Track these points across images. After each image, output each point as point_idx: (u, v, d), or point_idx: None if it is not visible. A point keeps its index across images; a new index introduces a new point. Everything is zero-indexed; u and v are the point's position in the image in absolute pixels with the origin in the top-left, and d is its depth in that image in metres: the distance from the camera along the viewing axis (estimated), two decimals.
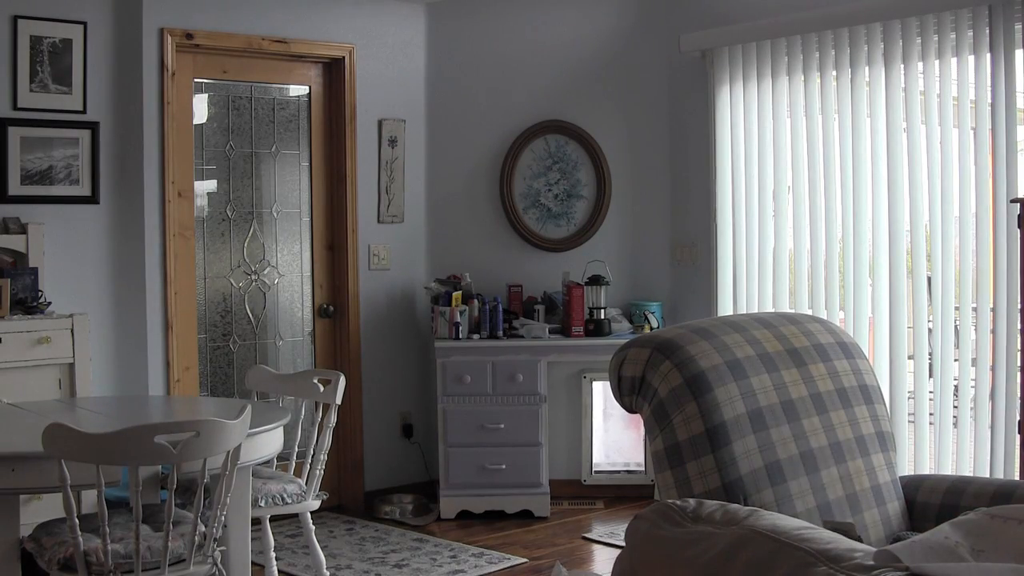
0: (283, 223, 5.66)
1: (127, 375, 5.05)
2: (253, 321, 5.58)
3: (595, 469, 5.82)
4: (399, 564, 4.70)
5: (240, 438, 3.03)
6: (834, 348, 2.82)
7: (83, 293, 4.90)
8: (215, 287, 5.46)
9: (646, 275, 5.99)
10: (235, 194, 5.52)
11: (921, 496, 2.80)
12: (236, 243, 5.53)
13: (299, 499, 3.90)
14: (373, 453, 5.78)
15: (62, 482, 2.83)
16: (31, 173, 4.78)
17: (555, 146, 5.98)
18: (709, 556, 1.82)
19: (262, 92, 5.59)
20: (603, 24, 5.98)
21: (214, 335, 5.46)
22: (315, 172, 5.73)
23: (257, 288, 5.60)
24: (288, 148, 5.68)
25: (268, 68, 5.56)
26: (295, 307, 5.72)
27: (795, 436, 2.54)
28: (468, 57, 5.97)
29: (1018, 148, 4.45)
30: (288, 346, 5.69)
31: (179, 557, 3.04)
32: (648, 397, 2.49)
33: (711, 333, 2.60)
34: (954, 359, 4.62)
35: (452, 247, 5.95)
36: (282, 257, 5.67)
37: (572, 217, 5.98)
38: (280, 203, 5.65)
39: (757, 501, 2.38)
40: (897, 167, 4.80)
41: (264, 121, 5.60)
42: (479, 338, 5.47)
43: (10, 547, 3.03)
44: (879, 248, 4.91)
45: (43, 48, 4.79)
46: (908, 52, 4.75)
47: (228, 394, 5.47)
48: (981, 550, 1.65)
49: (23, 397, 4.08)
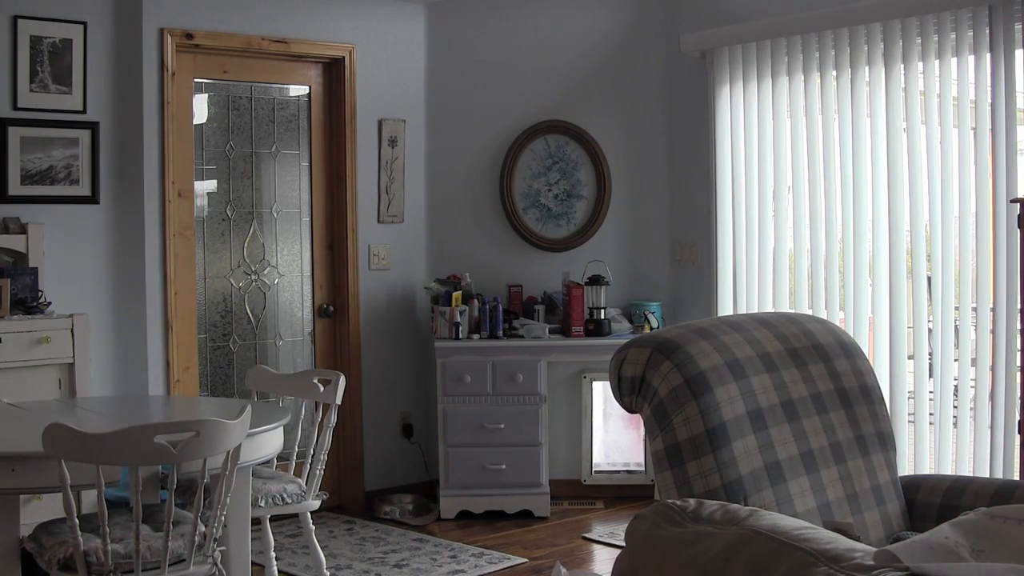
0: (283, 223, 5.66)
1: (127, 375, 5.05)
2: (253, 321, 5.58)
3: (595, 469, 5.82)
4: (399, 564, 4.70)
5: (240, 438, 3.03)
6: (834, 348, 2.82)
7: (83, 293, 4.90)
8: (215, 287, 5.46)
9: (646, 275, 5.99)
10: (235, 194, 5.52)
11: (921, 496, 2.80)
12: (236, 243, 5.53)
13: (299, 499, 3.90)
14: (373, 453, 5.78)
15: (62, 482, 2.83)
16: (31, 173, 4.78)
17: (555, 146, 5.97)
18: (709, 556, 1.82)
19: (262, 92, 5.59)
20: (603, 24, 5.98)
21: (214, 335, 5.46)
22: (315, 172, 5.73)
23: (257, 288, 5.60)
24: (288, 148, 5.68)
25: (268, 68, 5.56)
26: (295, 307, 5.72)
27: (795, 436, 2.55)
28: (468, 57, 5.97)
29: (1018, 148, 4.45)
30: (288, 346, 5.69)
31: (179, 557, 3.04)
32: (648, 397, 2.49)
33: (711, 333, 2.60)
34: (954, 359, 4.62)
35: (452, 247, 5.95)
36: (282, 257, 5.67)
37: (572, 217, 5.98)
38: (280, 203, 5.65)
39: (757, 501, 2.38)
40: (897, 167, 4.80)
41: (264, 121, 5.60)
42: (479, 338, 5.47)
43: (10, 547, 3.03)
44: (879, 248, 4.91)
45: (43, 48, 4.79)
46: (908, 52, 4.75)
47: (228, 394, 5.47)
48: (981, 550, 1.65)
49: (23, 397, 4.08)
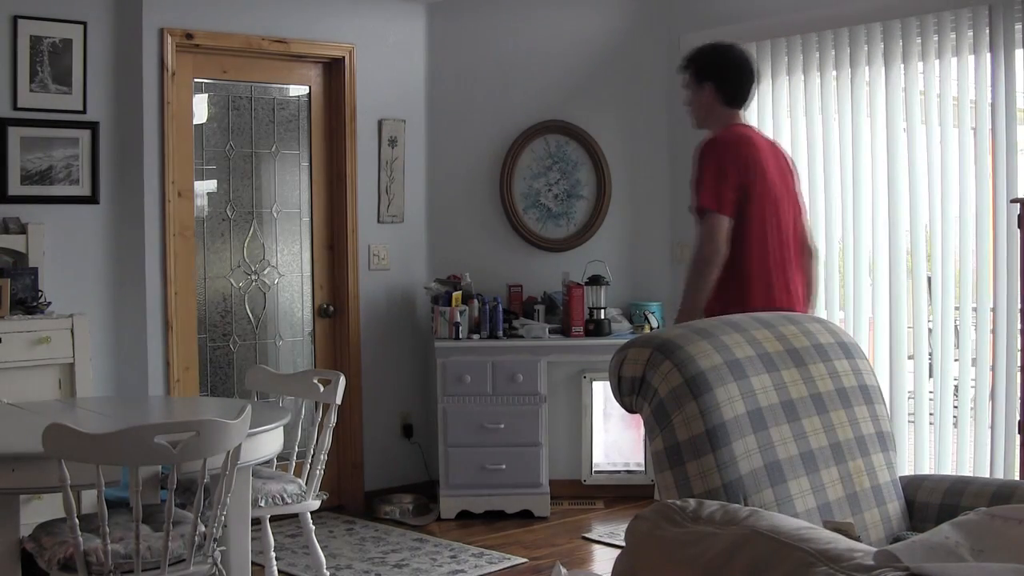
0: (283, 223, 5.66)
1: (127, 375, 5.05)
2: (253, 321, 5.58)
3: (595, 469, 5.82)
4: (399, 564, 4.70)
5: (240, 438, 3.03)
6: (834, 348, 2.82)
7: (83, 293, 4.90)
8: (215, 287, 5.46)
9: (646, 275, 5.99)
10: (235, 194, 5.52)
11: (921, 496, 2.80)
12: (236, 243, 5.53)
13: (299, 499, 3.90)
14: (373, 453, 5.78)
15: (62, 482, 2.83)
16: (31, 173, 4.78)
17: (555, 146, 5.97)
18: (709, 556, 1.82)
19: (262, 92, 5.59)
20: (603, 24, 5.98)
21: (214, 335, 5.45)
22: (315, 172, 5.73)
23: (257, 288, 5.59)
24: (288, 148, 5.67)
25: (268, 68, 5.55)
26: (295, 307, 5.72)
27: (795, 436, 2.54)
28: (468, 57, 5.97)
29: (1018, 148, 4.45)
30: (288, 346, 5.69)
31: (179, 557, 3.04)
32: (648, 397, 2.49)
33: (711, 333, 2.60)
34: (954, 359, 4.62)
35: (452, 247, 5.95)
36: (282, 257, 5.66)
37: (572, 217, 5.98)
38: (280, 203, 5.65)
39: (757, 501, 2.37)
40: (897, 167, 4.80)
41: (264, 121, 5.60)
42: (479, 338, 5.47)
43: (10, 547, 3.03)
44: (879, 248, 4.91)
45: (43, 48, 4.79)
46: (908, 52, 4.75)
47: (228, 394, 5.47)
48: (981, 550, 1.65)
49: (23, 397, 4.08)
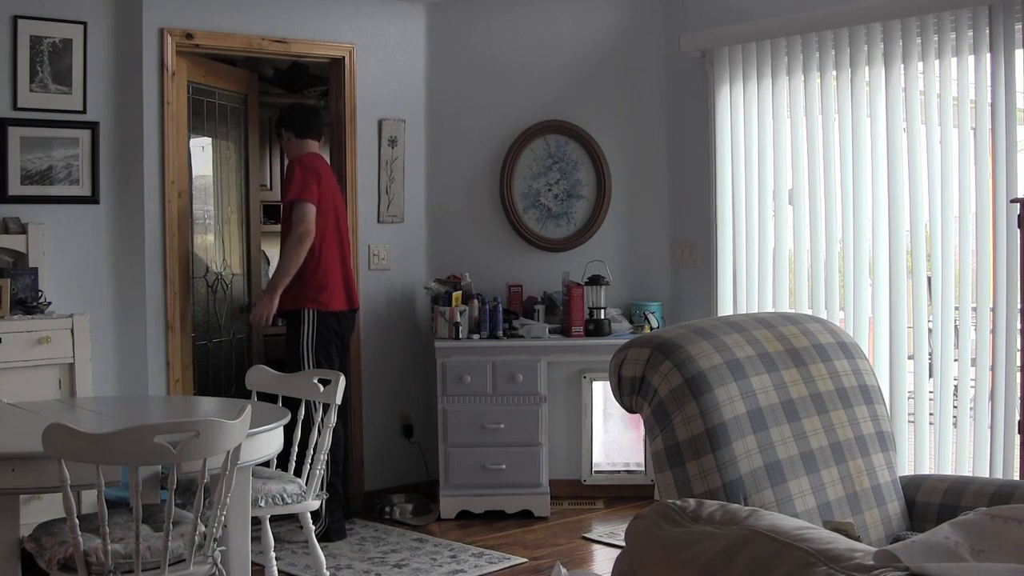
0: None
1: (127, 375, 5.05)
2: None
3: (595, 469, 5.82)
4: (399, 564, 4.70)
5: (240, 438, 3.03)
6: (834, 348, 2.82)
7: (83, 293, 4.90)
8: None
9: (646, 275, 5.99)
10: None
11: (921, 496, 2.80)
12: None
13: (299, 499, 3.90)
14: (373, 453, 5.78)
15: (62, 482, 2.83)
16: (31, 173, 4.78)
17: (555, 146, 5.97)
18: (709, 556, 1.82)
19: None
20: (603, 24, 5.98)
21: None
22: None
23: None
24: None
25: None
26: None
27: (795, 436, 2.55)
28: (468, 57, 5.97)
29: (1018, 148, 4.45)
30: None
31: (179, 557, 3.04)
32: (648, 397, 2.49)
33: (711, 333, 2.60)
34: (954, 359, 4.62)
35: (452, 247, 5.95)
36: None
37: (572, 217, 5.98)
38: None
39: (757, 501, 2.38)
40: (897, 167, 4.80)
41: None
42: (479, 338, 5.47)
43: (10, 547, 3.03)
44: (879, 248, 4.91)
45: (43, 48, 4.79)
46: (908, 52, 4.75)
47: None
48: (981, 550, 1.65)
49: (23, 397, 4.08)
